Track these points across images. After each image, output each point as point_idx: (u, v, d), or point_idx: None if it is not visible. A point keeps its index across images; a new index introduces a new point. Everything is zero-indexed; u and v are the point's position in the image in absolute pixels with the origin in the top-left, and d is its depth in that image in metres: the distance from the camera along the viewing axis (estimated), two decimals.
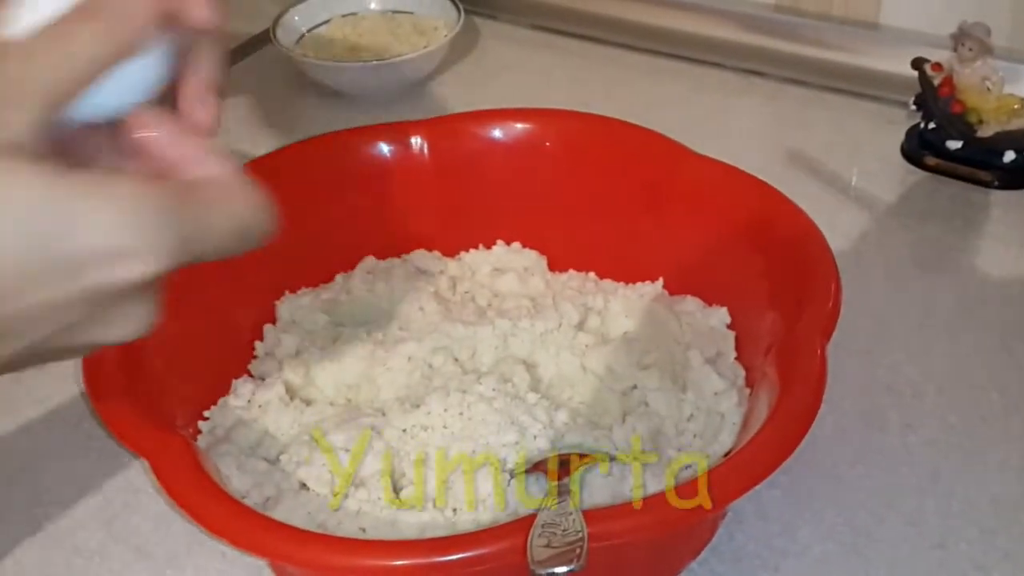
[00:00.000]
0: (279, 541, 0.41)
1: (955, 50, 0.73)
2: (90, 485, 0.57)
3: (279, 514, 0.48)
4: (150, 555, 0.54)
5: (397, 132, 0.64)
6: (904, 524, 0.53)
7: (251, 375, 0.59)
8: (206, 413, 0.55)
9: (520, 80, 0.92)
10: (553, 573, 0.37)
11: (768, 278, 0.56)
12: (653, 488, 0.48)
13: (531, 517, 0.41)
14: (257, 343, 0.60)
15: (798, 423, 0.43)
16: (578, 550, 0.37)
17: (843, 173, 0.77)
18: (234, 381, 0.58)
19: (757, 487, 0.42)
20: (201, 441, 0.53)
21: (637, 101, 0.87)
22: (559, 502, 0.43)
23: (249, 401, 0.56)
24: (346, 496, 0.50)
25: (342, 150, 0.64)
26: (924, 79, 0.75)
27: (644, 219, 0.62)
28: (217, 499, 0.42)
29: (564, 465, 0.49)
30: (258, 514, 0.42)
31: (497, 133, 0.64)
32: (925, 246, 0.71)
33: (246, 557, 0.52)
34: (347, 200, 0.63)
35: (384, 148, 0.64)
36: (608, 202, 0.64)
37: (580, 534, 0.38)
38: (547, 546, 0.38)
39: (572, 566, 0.37)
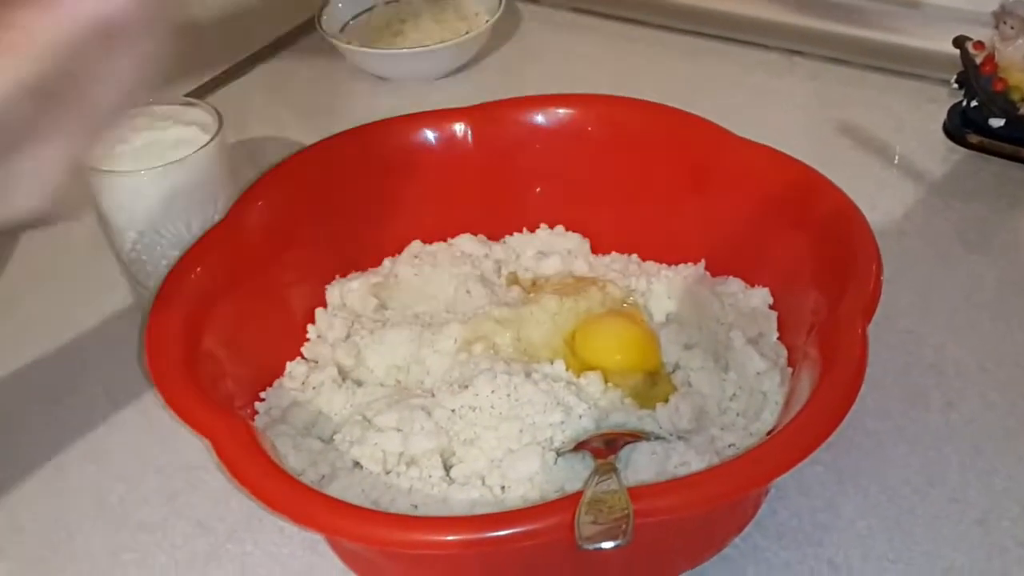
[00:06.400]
0: (336, 517, 0.42)
1: (997, 28, 0.73)
2: (152, 463, 0.60)
3: (334, 491, 0.50)
4: (211, 530, 0.56)
5: (442, 119, 0.65)
6: (946, 501, 0.54)
7: (304, 358, 0.61)
8: (262, 394, 0.57)
9: (562, 64, 0.93)
10: (600, 548, 0.38)
11: (810, 259, 0.57)
12: (697, 466, 0.49)
13: (578, 494, 0.43)
14: (309, 326, 0.62)
15: (839, 403, 0.44)
16: (624, 526, 0.39)
17: (885, 152, 0.78)
18: (288, 364, 0.60)
19: (800, 464, 0.43)
20: (258, 421, 0.55)
21: (680, 83, 0.87)
22: (605, 480, 0.44)
23: (303, 383, 0.58)
24: (398, 475, 0.51)
25: (388, 138, 0.65)
26: (966, 57, 0.74)
27: (686, 201, 0.63)
28: (276, 477, 0.44)
29: (609, 444, 0.50)
30: (315, 491, 0.44)
31: (540, 118, 0.65)
32: (968, 224, 0.71)
33: (303, 532, 0.54)
34: (394, 186, 0.65)
35: (429, 135, 0.65)
36: (650, 185, 0.64)
37: (626, 511, 0.39)
38: (594, 522, 0.39)
39: (619, 541, 0.38)
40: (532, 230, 0.67)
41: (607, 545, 0.38)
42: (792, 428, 0.44)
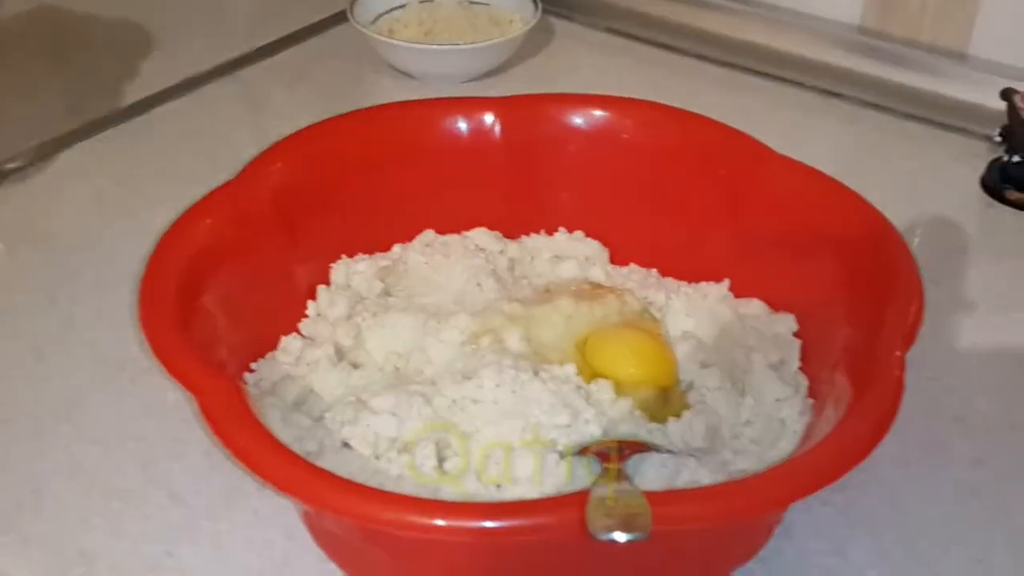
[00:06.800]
0: (328, 489, 0.39)
1: None
2: (132, 429, 0.57)
3: None
4: (187, 504, 0.52)
5: (471, 107, 0.63)
6: (969, 560, 0.51)
7: (301, 334, 0.58)
8: (253, 365, 0.54)
9: (591, 82, 0.91)
10: (613, 539, 0.35)
11: (844, 289, 0.54)
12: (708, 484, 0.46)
13: (584, 492, 0.39)
14: (309, 303, 0.59)
15: (878, 420, 0.41)
16: (642, 521, 0.35)
17: (919, 203, 0.75)
18: (283, 338, 0.57)
19: (827, 488, 0.40)
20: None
21: (711, 114, 0.85)
22: (617, 483, 0.41)
23: (297, 359, 0.55)
24: (389, 461, 0.48)
25: (415, 120, 0.63)
26: (1012, 110, 0.73)
27: (716, 218, 0.61)
28: (265, 442, 0.41)
29: (618, 451, 0.47)
30: (302, 459, 0.41)
31: (573, 117, 0.63)
32: (1003, 280, 0.69)
33: (281, 516, 0.51)
34: (413, 171, 0.62)
35: (457, 122, 0.62)
36: (680, 199, 0.62)
37: (643, 507, 0.36)
38: (607, 516, 0.36)
39: (636, 534, 0.35)
40: (551, 233, 0.65)
41: (622, 537, 0.35)
42: (824, 446, 0.41)
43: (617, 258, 0.64)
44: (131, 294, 0.64)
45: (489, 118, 0.62)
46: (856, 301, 0.52)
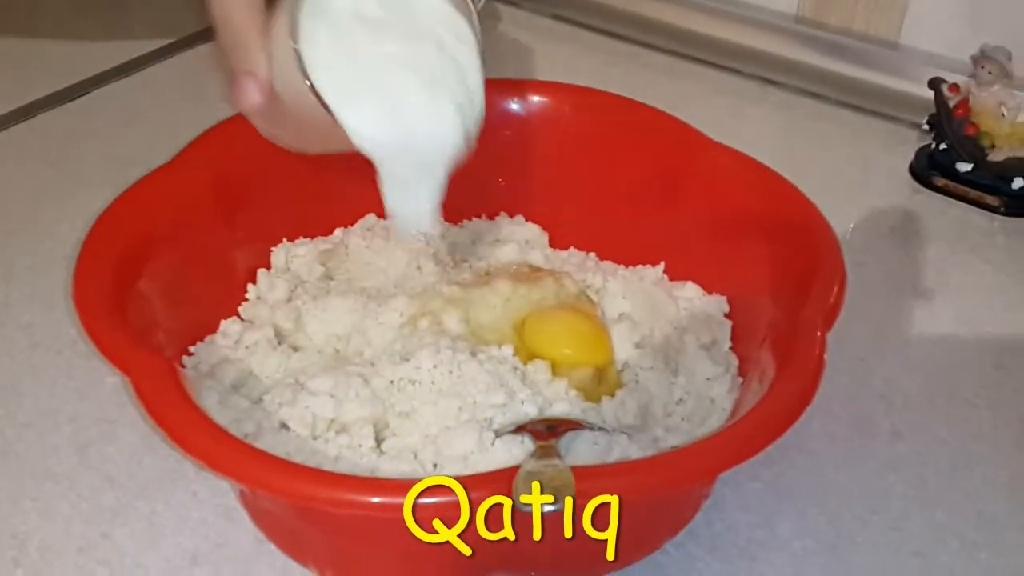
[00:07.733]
0: (256, 466, 0.40)
1: (974, 72, 0.73)
2: (66, 413, 0.56)
3: None
4: (121, 486, 0.53)
5: None
6: (887, 529, 0.53)
7: (240, 318, 0.58)
8: (192, 349, 0.54)
9: (536, 69, 0.92)
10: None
11: (772, 271, 0.56)
12: None
13: (515, 468, 0.40)
14: (249, 286, 0.59)
15: (796, 399, 0.42)
16: (566, 493, 0.37)
17: (850, 189, 0.77)
18: (223, 321, 0.57)
19: (751, 461, 0.41)
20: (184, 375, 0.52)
21: (651, 100, 0.86)
22: (547, 460, 0.42)
23: (236, 342, 0.55)
24: (326, 441, 0.49)
25: None
26: (940, 99, 0.75)
27: (652, 204, 0.62)
28: (198, 423, 0.41)
29: (551, 429, 0.48)
30: (237, 439, 0.41)
31: (512, 103, 0.64)
32: (926, 264, 0.71)
33: (218, 498, 0.52)
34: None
35: None
36: (617, 184, 0.63)
37: (568, 480, 0.37)
38: (532, 489, 0.37)
39: (557, 506, 0.36)
40: (492, 217, 0.66)
41: (545, 507, 0.36)
42: (745, 422, 0.42)
43: (556, 242, 0.65)
44: (67, 277, 0.63)
45: None
46: (783, 284, 0.54)
